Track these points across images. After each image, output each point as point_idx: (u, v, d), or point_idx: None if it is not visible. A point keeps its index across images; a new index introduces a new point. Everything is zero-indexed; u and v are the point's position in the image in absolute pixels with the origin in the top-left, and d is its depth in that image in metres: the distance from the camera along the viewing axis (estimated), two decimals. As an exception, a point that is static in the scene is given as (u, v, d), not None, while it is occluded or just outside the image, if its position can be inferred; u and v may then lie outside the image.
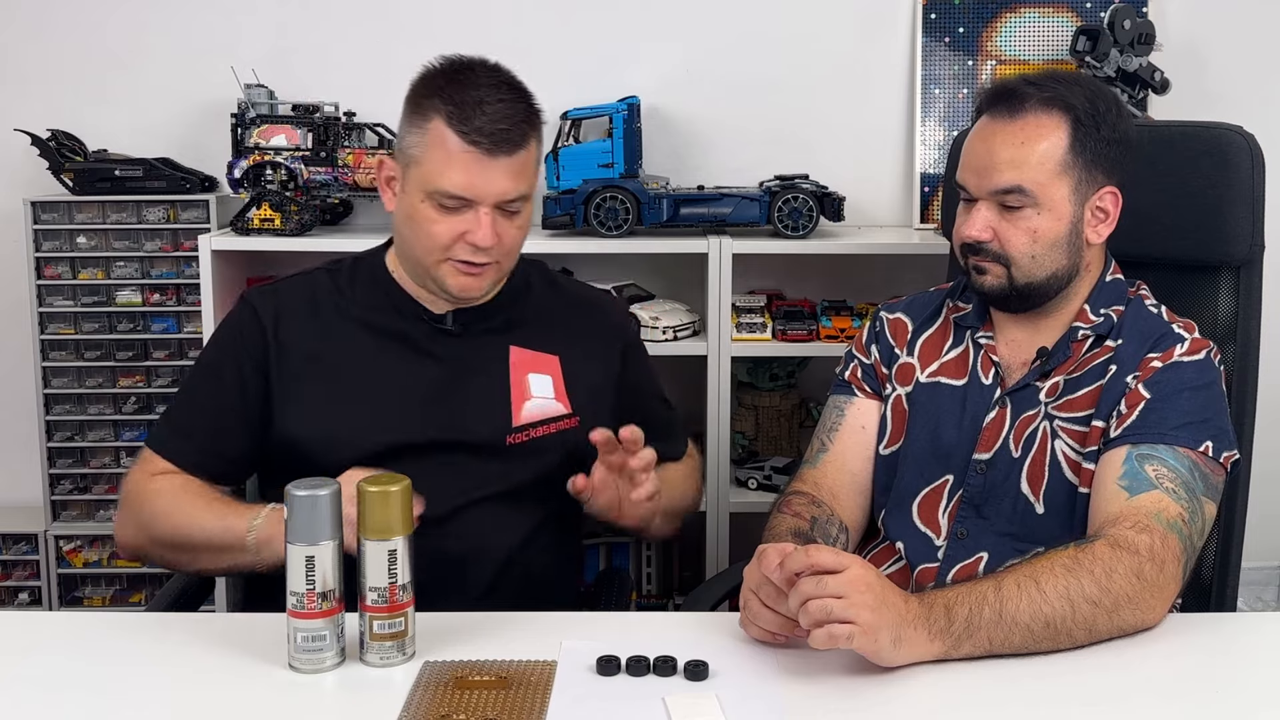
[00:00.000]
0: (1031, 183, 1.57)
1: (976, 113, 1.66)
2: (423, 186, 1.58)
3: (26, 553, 2.85)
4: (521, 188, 1.60)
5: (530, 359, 1.72)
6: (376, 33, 2.80)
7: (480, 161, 1.56)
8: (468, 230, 1.58)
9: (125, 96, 2.83)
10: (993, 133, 1.59)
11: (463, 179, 1.56)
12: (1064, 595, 1.34)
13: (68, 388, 2.76)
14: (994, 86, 1.64)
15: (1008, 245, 1.59)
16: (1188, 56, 2.79)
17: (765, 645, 1.37)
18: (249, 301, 1.72)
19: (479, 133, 1.55)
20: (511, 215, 1.61)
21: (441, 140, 1.56)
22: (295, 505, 1.30)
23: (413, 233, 1.62)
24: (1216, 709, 1.28)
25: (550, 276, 1.83)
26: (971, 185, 1.61)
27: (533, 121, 1.61)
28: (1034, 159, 1.57)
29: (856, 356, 1.79)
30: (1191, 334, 1.61)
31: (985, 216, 1.60)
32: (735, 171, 2.79)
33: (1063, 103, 1.58)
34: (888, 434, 1.72)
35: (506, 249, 1.63)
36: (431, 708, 1.24)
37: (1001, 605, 1.32)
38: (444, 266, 1.62)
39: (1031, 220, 1.58)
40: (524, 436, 1.68)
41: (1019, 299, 1.62)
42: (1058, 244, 1.59)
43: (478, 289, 1.65)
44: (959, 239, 1.64)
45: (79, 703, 1.28)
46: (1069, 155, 1.57)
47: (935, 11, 2.81)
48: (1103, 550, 1.38)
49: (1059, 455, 1.59)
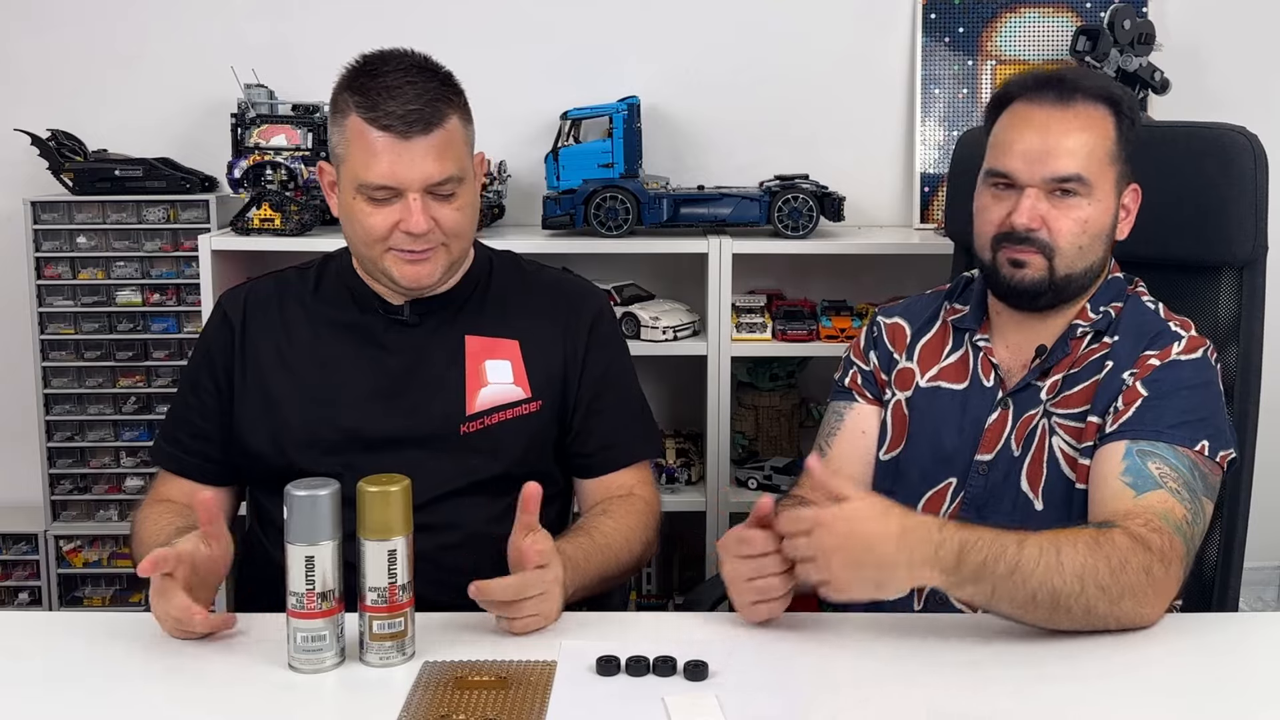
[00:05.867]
0: (1089, 171, 1.55)
1: (1000, 101, 1.62)
2: (352, 183, 1.59)
3: (26, 553, 2.85)
4: (448, 169, 1.58)
5: (487, 346, 1.71)
6: (376, 33, 2.76)
7: (397, 146, 1.55)
8: (401, 219, 1.58)
9: (125, 96, 2.82)
10: (1046, 119, 1.56)
11: (384, 167, 1.55)
12: (1078, 573, 1.33)
13: (68, 388, 2.76)
14: (1031, 76, 1.61)
15: (1057, 234, 1.56)
16: (1188, 56, 2.78)
17: (765, 645, 1.37)
18: (220, 304, 1.77)
19: (389, 117, 1.54)
20: (446, 199, 1.60)
21: (359, 133, 1.56)
22: (295, 505, 1.30)
23: (352, 229, 1.63)
24: (1216, 709, 1.28)
25: (518, 263, 1.81)
26: (1021, 172, 1.56)
27: (448, 99, 1.59)
28: (1091, 147, 1.56)
29: (855, 363, 1.78)
30: (1188, 332, 1.61)
31: (1035, 204, 1.56)
32: (735, 171, 2.78)
33: (1109, 95, 1.58)
34: (888, 439, 1.72)
35: (449, 231, 1.61)
36: (431, 708, 1.24)
37: (1019, 563, 1.32)
38: (387, 258, 1.62)
39: (1083, 209, 1.56)
40: (479, 424, 1.67)
41: (1052, 293, 1.59)
42: (1100, 236, 1.59)
43: (427, 275, 1.63)
44: (998, 227, 1.59)
45: (79, 703, 1.28)
46: (1116, 147, 1.57)
47: (935, 11, 2.80)
48: (1121, 540, 1.38)
49: (1056, 451, 1.59)
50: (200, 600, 1.38)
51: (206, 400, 1.72)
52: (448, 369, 1.69)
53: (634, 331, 2.58)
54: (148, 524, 1.63)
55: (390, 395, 1.67)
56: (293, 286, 1.76)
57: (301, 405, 1.67)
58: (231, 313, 1.73)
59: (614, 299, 2.62)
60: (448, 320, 1.71)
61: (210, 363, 1.72)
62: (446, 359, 1.69)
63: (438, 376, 1.68)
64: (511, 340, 1.71)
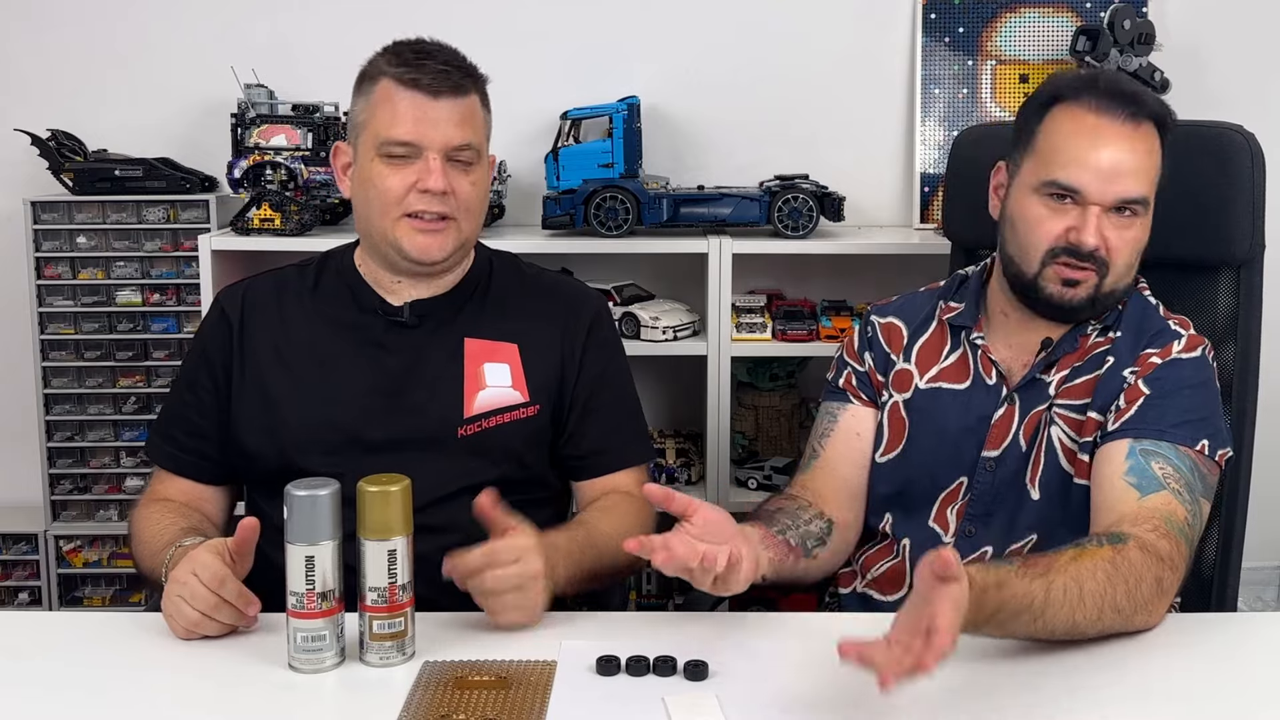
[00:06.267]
0: (1150, 194, 1.56)
1: (1049, 101, 1.58)
2: (373, 144, 1.62)
3: (26, 553, 2.85)
4: (468, 135, 1.63)
5: (486, 349, 1.70)
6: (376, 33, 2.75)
7: (424, 104, 1.60)
8: (419, 179, 1.61)
9: (125, 96, 2.82)
10: (1115, 137, 1.53)
11: (409, 124, 1.60)
12: (1098, 604, 1.32)
13: (68, 388, 2.76)
14: (1090, 81, 1.57)
15: (1114, 254, 1.55)
16: (1188, 56, 2.78)
17: (765, 645, 1.37)
18: (219, 301, 1.76)
19: (422, 73, 1.61)
20: (465, 169, 1.63)
21: (388, 94, 1.62)
22: (295, 505, 1.30)
23: (367, 196, 1.64)
24: (1216, 709, 1.28)
25: (517, 265, 1.81)
26: (1092, 189, 1.53)
27: (476, 77, 1.67)
28: (1150, 170, 1.56)
29: (849, 363, 1.77)
30: (1188, 331, 1.61)
31: (1100, 222, 1.54)
32: (735, 171, 2.78)
33: (1162, 117, 1.57)
34: (885, 441, 1.71)
35: (462, 204, 1.63)
36: (431, 708, 1.24)
37: (1044, 611, 1.28)
38: (400, 226, 1.63)
39: (1136, 229, 1.56)
40: (476, 428, 1.67)
41: (1092, 308, 1.59)
42: (1140, 254, 1.59)
43: (438, 249, 1.64)
44: (1055, 240, 1.55)
45: (79, 703, 1.28)
46: (1161, 168, 1.58)
47: (935, 11, 2.80)
48: (1136, 556, 1.37)
49: (1055, 442, 1.59)
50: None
51: (204, 398, 1.71)
52: (446, 371, 1.68)
53: (634, 331, 2.58)
54: (148, 523, 1.62)
55: (388, 396, 1.67)
56: (292, 284, 1.75)
57: (299, 404, 1.67)
58: (230, 310, 1.73)
59: (614, 299, 2.62)
60: (447, 322, 1.70)
61: (208, 360, 1.72)
62: (445, 361, 1.69)
63: (436, 378, 1.68)
64: (510, 344, 1.71)
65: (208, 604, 1.37)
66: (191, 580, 1.37)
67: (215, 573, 1.37)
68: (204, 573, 1.37)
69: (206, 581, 1.37)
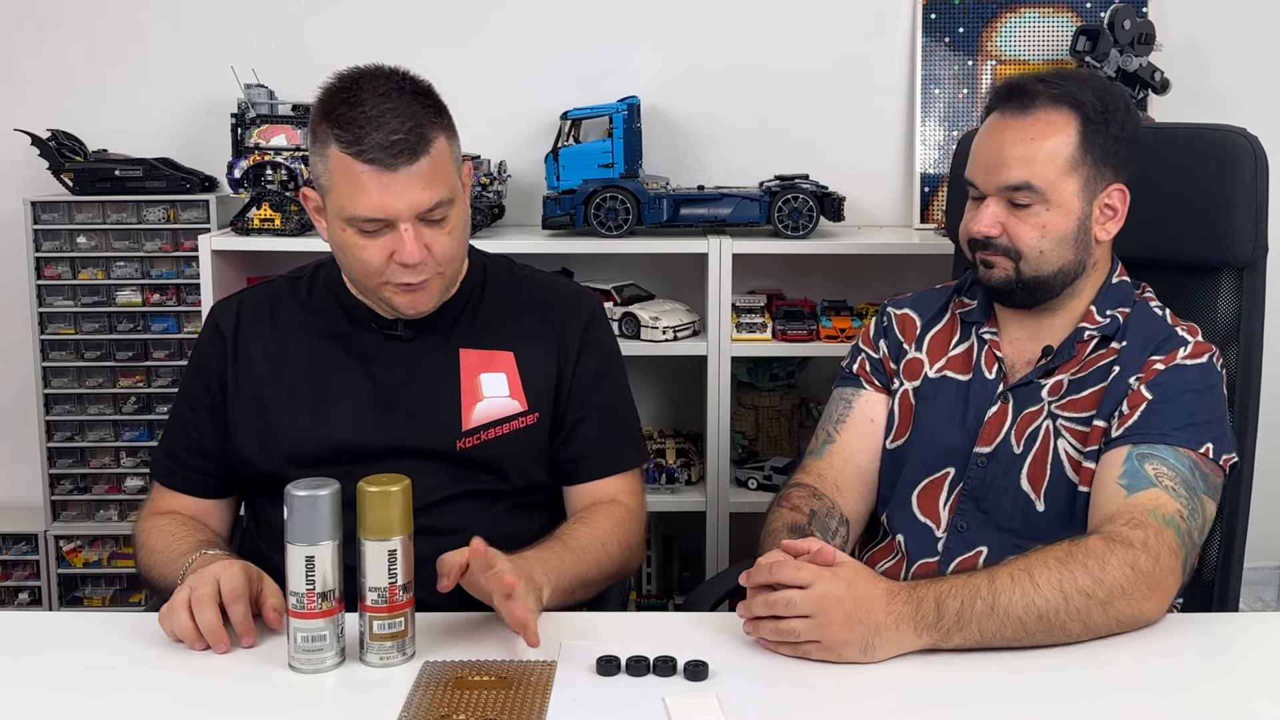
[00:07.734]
0: (1040, 179, 1.58)
1: (986, 110, 1.66)
2: (340, 215, 1.54)
3: (26, 553, 2.85)
4: (438, 194, 1.53)
5: (482, 359, 1.68)
6: (376, 33, 2.80)
7: (384, 178, 1.49)
8: (395, 251, 1.54)
9: (125, 96, 2.82)
10: (1002, 129, 1.61)
11: (372, 200, 1.50)
12: (1056, 587, 1.35)
13: (68, 388, 2.76)
14: (1005, 84, 1.65)
15: (1016, 240, 1.60)
16: (1188, 56, 2.78)
17: (765, 645, 1.37)
18: (213, 315, 1.75)
19: (374, 149, 1.48)
20: (438, 223, 1.55)
21: (342, 166, 1.51)
22: (295, 505, 1.30)
23: (346, 261, 1.60)
24: (1216, 709, 1.28)
25: (512, 270, 1.78)
26: (981, 182, 1.63)
27: (432, 122, 1.53)
28: (1043, 156, 1.58)
29: (864, 350, 1.79)
30: (1195, 337, 1.62)
31: (994, 212, 1.61)
32: (735, 171, 2.78)
33: (1072, 100, 1.59)
34: (894, 428, 1.73)
35: (442, 258, 1.57)
36: (431, 708, 1.24)
37: (994, 598, 1.34)
38: (385, 290, 1.59)
39: (1040, 216, 1.59)
40: (475, 440, 1.65)
41: (1025, 293, 1.63)
42: (1065, 240, 1.60)
43: (426, 303, 1.61)
44: (966, 234, 1.65)
45: (79, 703, 1.28)
46: (1078, 152, 1.58)
47: (935, 11, 2.80)
48: (1096, 544, 1.40)
49: (1061, 454, 1.60)
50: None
51: (201, 412, 1.70)
52: (442, 384, 1.66)
53: (634, 331, 2.58)
54: (158, 536, 1.62)
55: (384, 409, 1.65)
56: (284, 296, 1.73)
57: (294, 417, 1.65)
58: (224, 323, 1.71)
59: (614, 299, 2.62)
60: (441, 334, 1.68)
61: (204, 374, 1.70)
62: (441, 373, 1.67)
63: (432, 391, 1.66)
64: (506, 351, 1.69)
65: (208, 604, 1.37)
66: (211, 582, 1.37)
67: (236, 586, 1.38)
68: (228, 582, 1.38)
69: (225, 589, 1.37)
